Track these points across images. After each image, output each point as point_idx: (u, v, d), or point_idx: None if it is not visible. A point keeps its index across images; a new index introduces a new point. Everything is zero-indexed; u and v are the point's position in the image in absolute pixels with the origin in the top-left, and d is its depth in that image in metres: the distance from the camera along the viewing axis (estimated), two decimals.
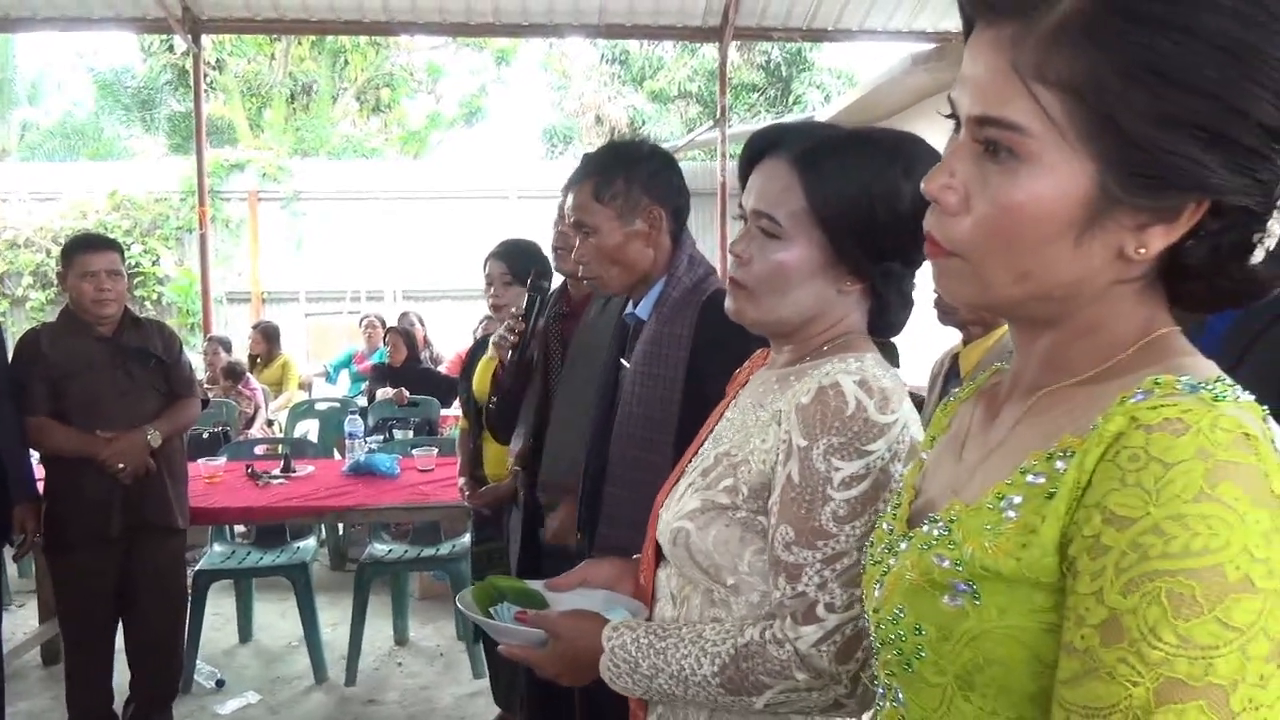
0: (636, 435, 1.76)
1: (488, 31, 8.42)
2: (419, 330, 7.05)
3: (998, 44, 0.65)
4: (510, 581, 1.37)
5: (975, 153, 0.67)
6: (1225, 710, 0.55)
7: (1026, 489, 0.65)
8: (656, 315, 1.81)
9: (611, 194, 1.82)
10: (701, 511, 1.14)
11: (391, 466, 3.95)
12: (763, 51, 15.86)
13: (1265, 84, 0.59)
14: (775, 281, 1.13)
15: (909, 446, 1.04)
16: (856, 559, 1.01)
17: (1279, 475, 0.58)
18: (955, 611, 0.67)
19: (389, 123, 17.41)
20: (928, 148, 1.13)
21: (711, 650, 1.07)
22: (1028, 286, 0.68)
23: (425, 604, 4.67)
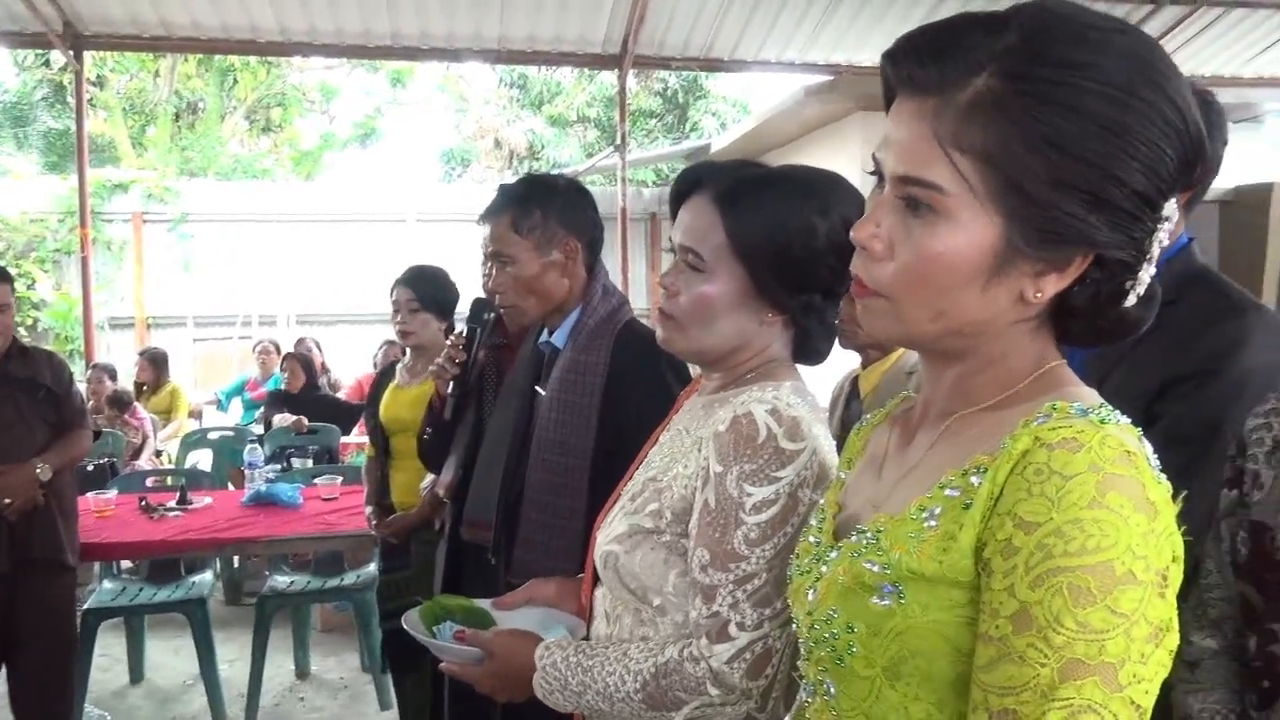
0: (552, 461, 1.80)
1: (386, 54, 8.34)
2: (316, 356, 6.91)
3: (920, 113, 0.75)
4: (458, 600, 1.43)
5: (898, 207, 0.77)
6: (1115, 683, 0.65)
7: (945, 501, 0.75)
8: (572, 343, 1.86)
9: (529, 226, 1.87)
10: (629, 535, 1.20)
11: (294, 496, 3.87)
12: (660, 79, 16.13)
13: (1136, 157, 0.71)
14: (700, 313, 1.20)
15: (818, 471, 1.11)
16: (766, 580, 1.08)
17: (1153, 485, 0.69)
18: (883, 610, 0.75)
19: (280, 143, 17.01)
20: (845, 186, 1.21)
21: (635, 668, 1.13)
22: (942, 324, 0.77)
23: (328, 636, 4.57)
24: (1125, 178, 0.71)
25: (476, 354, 2.35)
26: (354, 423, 6.01)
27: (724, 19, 7.39)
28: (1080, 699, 0.65)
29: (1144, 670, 0.66)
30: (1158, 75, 0.71)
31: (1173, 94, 0.72)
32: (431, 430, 2.49)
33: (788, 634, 1.08)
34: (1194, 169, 0.74)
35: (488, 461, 2.19)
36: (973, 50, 0.73)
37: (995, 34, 0.72)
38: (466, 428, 2.39)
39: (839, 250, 1.14)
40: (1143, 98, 0.70)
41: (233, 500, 4.03)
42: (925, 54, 0.75)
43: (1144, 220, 0.73)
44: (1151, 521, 0.67)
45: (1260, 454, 1.24)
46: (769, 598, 1.08)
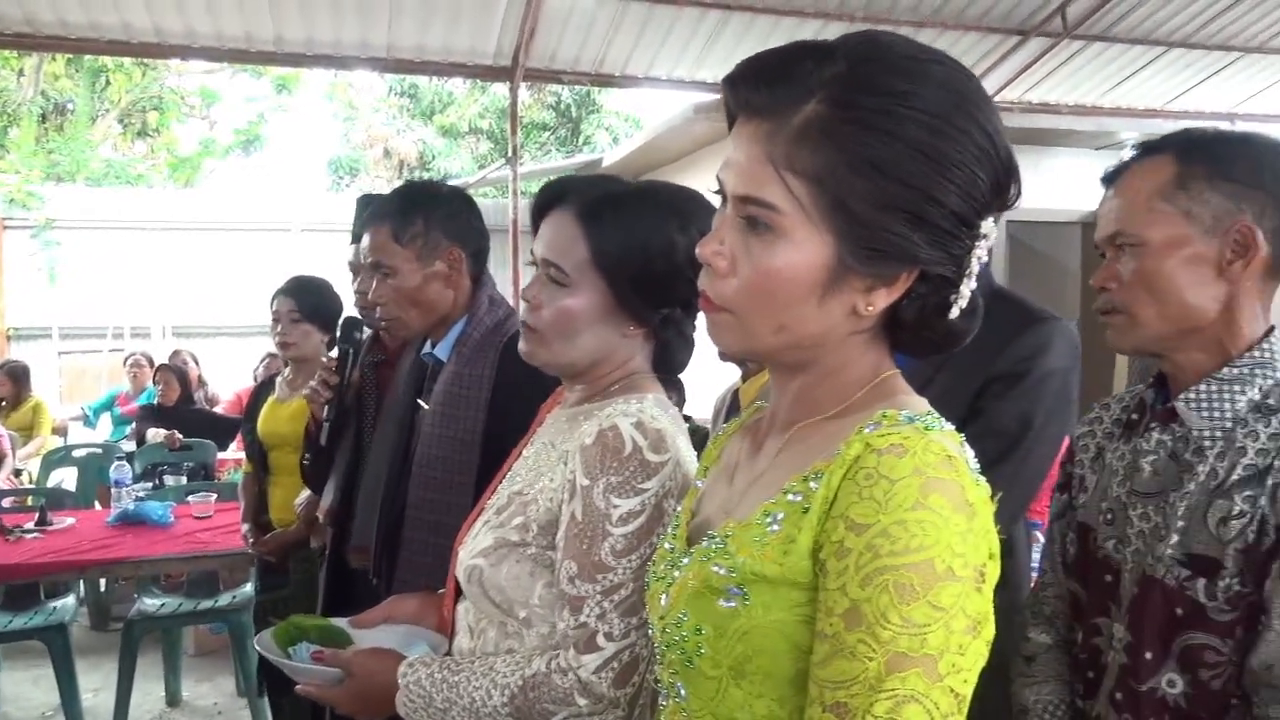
0: (436, 477, 1.77)
1: (269, 60, 8.11)
2: (193, 369, 6.65)
3: (756, 136, 0.78)
4: (314, 620, 1.39)
5: (740, 225, 0.80)
6: (935, 674, 0.70)
7: (787, 506, 0.78)
8: (457, 355, 1.82)
9: (410, 235, 1.82)
10: (495, 549, 1.20)
11: (164, 515, 3.72)
12: (553, 92, 16.15)
13: (953, 180, 0.76)
14: (562, 326, 1.22)
15: (681, 482, 1.14)
16: (633, 590, 1.10)
17: (972, 488, 0.74)
18: (729, 611, 0.78)
19: (156, 148, 16.33)
20: (704, 203, 1.24)
21: (502, 682, 1.13)
22: (783, 337, 0.81)
23: (202, 660, 4.39)
24: (943, 199, 0.75)
25: (350, 375, 2.28)
26: (232, 438, 5.81)
27: (615, 35, 7.46)
28: (904, 689, 0.69)
29: (962, 660, 0.71)
30: (971, 105, 0.76)
31: (984, 122, 0.77)
32: (310, 456, 2.42)
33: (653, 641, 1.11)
34: (1006, 191, 0.79)
35: (372, 485, 2.11)
36: (803, 77, 0.76)
37: (824, 62, 0.76)
38: (346, 449, 2.31)
39: (697, 265, 1.17)
40: (957, 125, 0.75)
41: (98, 520, 3.84)
42: (760, 80, 0.78)
43: (962, 238, 0.78)
44: (970, 521, 0.72)
45: (1085, 459, 1.33)
46: (636, 607, 1.09)
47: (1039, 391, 1.45)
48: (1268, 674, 1.06)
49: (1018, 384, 1.48)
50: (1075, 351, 1.54)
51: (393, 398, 2.19)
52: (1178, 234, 1.17)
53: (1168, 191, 1.17)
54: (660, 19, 7.34)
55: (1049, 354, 1.50)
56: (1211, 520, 1.12)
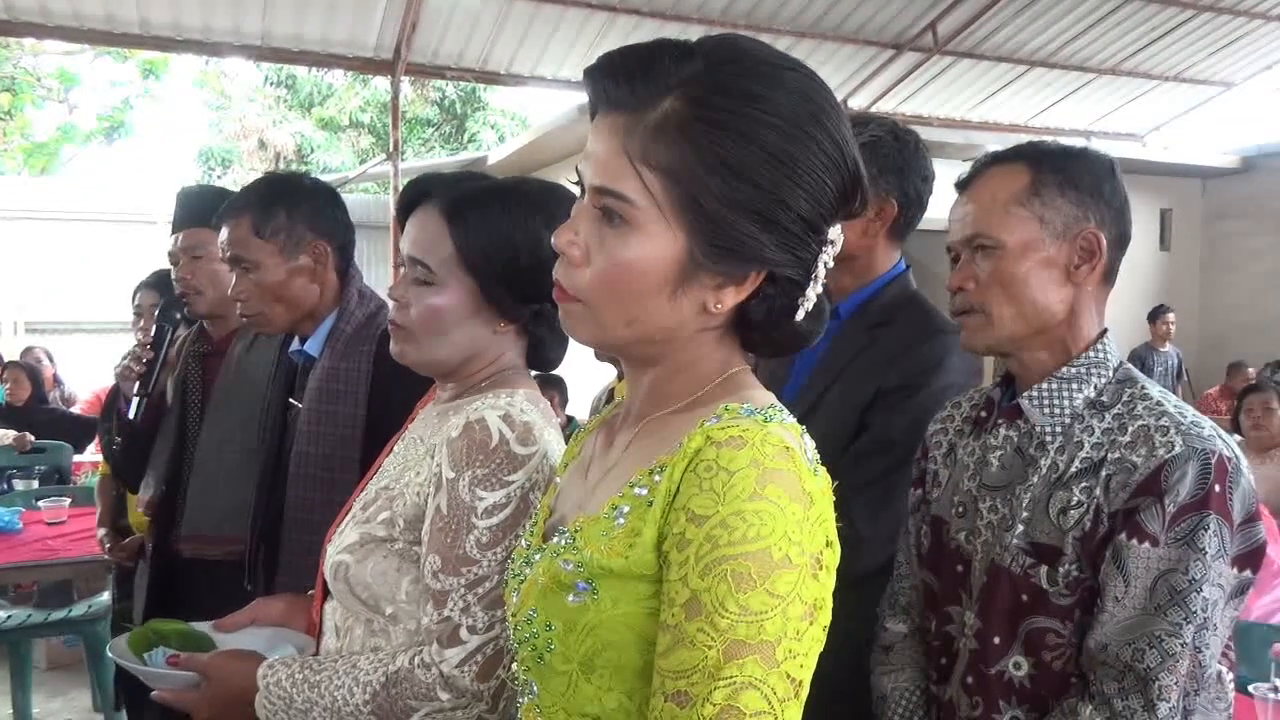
0: (316, 476, 1.72)
1: (135, 44, 7.74)
2: (47, 367, 6.29)
3: (614, 129, 0.79)
4: (173, 624, 1.34)
5: (595, 216, 0.81)
6: (773, 660, 0.71)
7: (633, 500, 0.79)
8: (329, 351, 1.78)
9: (273, 229, 1.77)
10: (360, 544, 1.19)
11: (12, 521, 3.51)
12: (438, 88, 15.90)
13: (801, 185, 0.77)
14: (431, 324, 1.21)
15: (548, 475, 1.13)
16: (498, 582, 1.09)
17: (809, 478, 0.76)
18: (577, 606, 0.79)
19: (9, 132, 15.38)
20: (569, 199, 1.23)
21: (364, 679, 1.11)
22: (635, 330, 0.82)
23: (54, 674, 4.16)
24: (791, 203, 0.77)
25: (166, 354, 2.25)
26: (89, 439, 5.51)
27: (500, 32, 7.41)
28: (742, 676, 0.70)
29: (799, 646, 0.73)
30: (822, 113, 0.78)
31: (834, 131, 0.79)
32: (121, 440, 2.34)
33: None
34: (853, 200, 0.81)
35: (208, 474, 2.08)
36: (662, 74, 0.77)
37: (683, 61, 0.77)
38: (168, 439, 2.24)
39: None
40: (808, 132, 0.77)
41: None
42: (620, 74, 0.79)
43: (809, 243, 0.79)
44: (807, 510, 0.74)
45: (938, 455, 1.39)
46: (500, 599, 1.09)
47: (930, 407, 1.45)
48: (1103, 653, 1.13)
49: (910, 398, 1.49)
50: (971, 367, 1.56)
51: (220, 388, 2.15)
52: (1032, 237, 1.23)
53: (1023, 197, 1.24)
54: (545, 18, 7.33)
55: (943, 369, 1.51)
56: (1053, 510, 1.19)
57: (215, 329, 2.32)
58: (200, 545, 2.07)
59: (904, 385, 1.50)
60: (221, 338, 2.30)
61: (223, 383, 2.15)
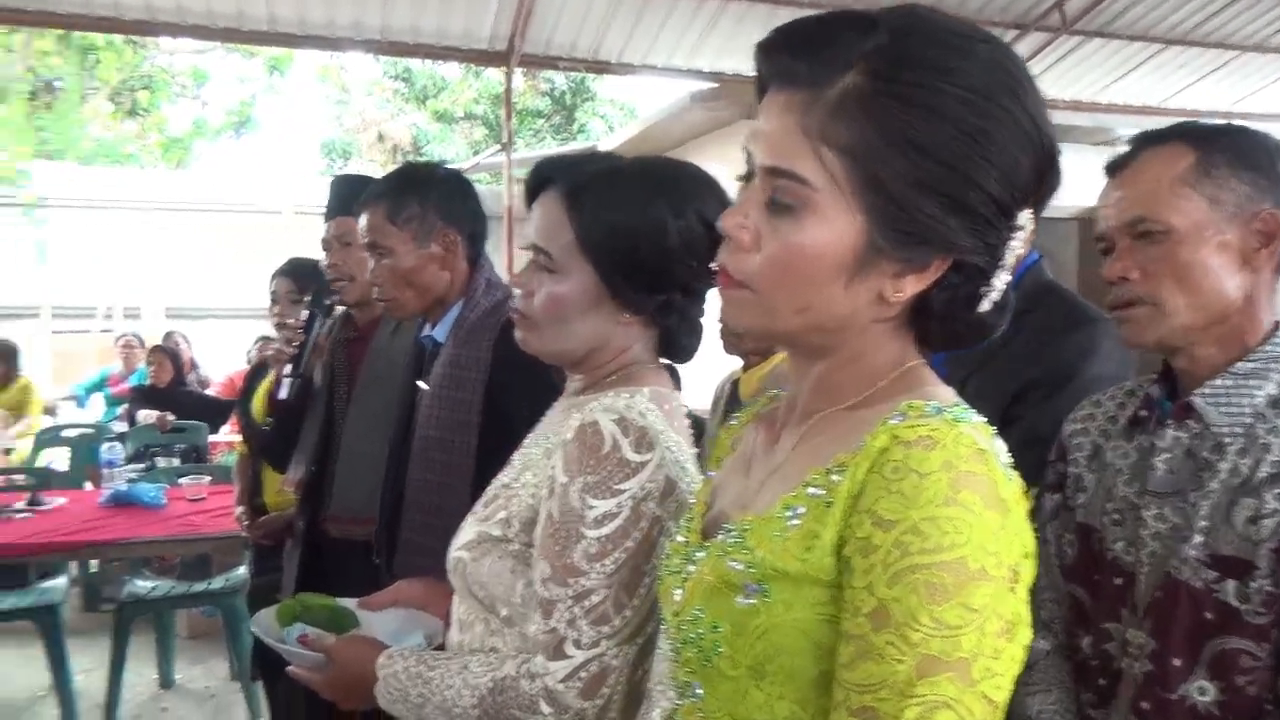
0: (435, 459, 1.76)
1: (261, 40, 8.03)
2: (185, 350, 6.62)
3: (790, 107, 0.75)
4: (320, 599, 1.38)
5: (766, 198, 0.77)
6: (969, 679, 0.67)
7: (808, 500, 0.75)
8: (454, 337, 1.82)
9: (406, 216, 1.82)
10: (477, 542, 1.17)
11: (157, 496, 3.70)
12: (548, 79, 16.06)
13: (993, 163, 0.72)
14: (553, 314, 1.17)
15: (664, 484, 1.08)
16: (606, 596, 1.05)
17: (1004, 483, 0.71)
18: (748, 609, 0.75)
19: (147, 128, 16.20)
20: (703, 180, 1.19)
21: (473, 682, 1.09)
22: (806, 318, 0.78)
23: (194, 643, 4.38)
24: (982, 183, 0.72)
25: (316, 338, 2.33)
26: (223, 420, 5.79)
27: (611, 21, 7.42)
28: (935, 695, 0.66)
29: (997, 665, 0.68)
30: (1017, 85, 0.73)
31: (1029, 105, 0.74)
32: (274, 419, 2.44)
33: (626, 652, 1.07)
34: (1045, 180, 0.76)
35: (352, 456, 2.15)
36: (843, 47, 0.73)
37: (865, 33, 0.73)
38: (315, 422, 2.33)
39: (694, 249, 1.13)
40: (1002, 105, 0.72)
41: (90, 501, 3.82)
42: (797, 47, 0.75)
43: (999, 227, 0.75)
44: (1003, 518, 0.69)
45: (1081, 458, 1.29)
46: (607, 615, 1.05)
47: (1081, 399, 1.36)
48: None
49: (1060, 390, 1.41)
50: (1125, 355, 1.46)
51: (365, 372, 2.22)
52: (1203, 220, 1.14)
53: (1190, 178, 1.14)
54: (657, 6, 7.30)
55: (1095, 358, 1.43)
56: (1239, 520, 1.09)
57: (360, 315, 2.39)
58: (345, 525, 2.14)
59: (1051, 378, 1.42)
60: (366, 324, 2.36)
61: (368, 368, 2.23)
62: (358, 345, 2.34)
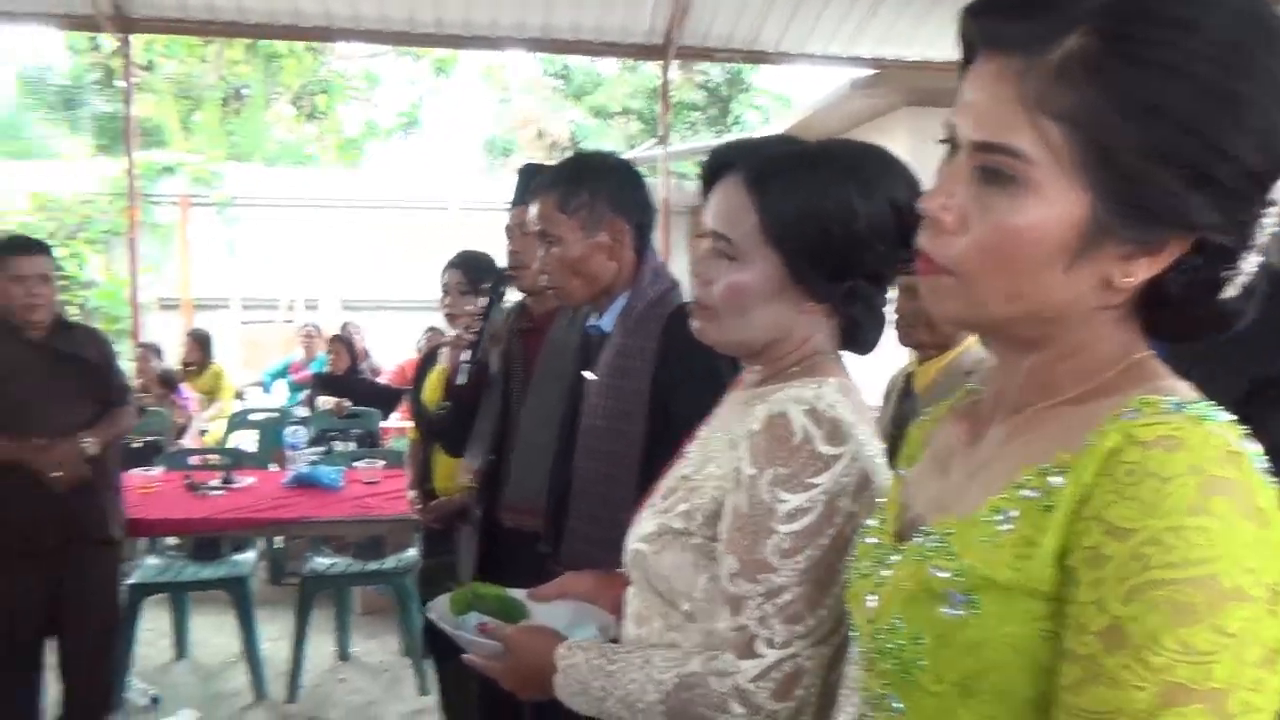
0: (601, 449, 1.77)
1: (429, 42, 8.37)
2: (359, 340, 6.96)
3: (1003, 74, 0.68)
4: (492, 589, 1.39)
5: (974, 176, 0.70)
6: (1223, 713, 0.58)
7: (1021, 503, 0.68)
8: (621, 327, 1.82)
9: (576, 205, 1.83)
10: (658, 535, 1.15)
11: (336, 479, 3.90)
12: (703, 71, 16.05)
13: (1248, 128, 0.64)
14: (734, 303, 1.13)
15: (858, 479, 1.04)
16: (799, 594, 1.01)
17: (1261, 490, 0.62)
18: (954, 620, 0.69)
19: (324, 130, 17.16)
20: (893, 163, 1.13)
21: (657, 677, 1.07)
22: (1019, 307, 0.71)
23: (368, 619, 4.60)
24: (1233, 151, 0.64)
25: (495, 324, 2.37)
26: (394, 407, 6.05)
27: (769, 11, 7.32)
28: None
29: (1257, 699, 0.59)
30: (1273, 36, 0.65)
31: None
32: (450, 405, 2.49)
33: (821, 653, 1.03)
34: None
35: (526, 447, 2.18)
36: (1066, 4, 0.66)
37: None
38: (492, 411, 2.38)
39: (884, 233, 1.08)
40: (1257, 61, 0.64)
41: (275, 481, 4.06)
42: (1012, 8, 0.68)
43: (1251, 202, 0.65)
44: (1261, 530, 0.60)
45: None
46: (800, 614, 1.01)
47: None
48: None
49: None
50: None
51: (541, 363, 2.25)
52: None
53: None
54: None
55: None
56: None
57: (536, 305, 2.42)
58: (519, 515, 2.17)
59: None
60: (542, 314, 2.40)
61: (544, 359, 2.26)
62: (534, 336, 2.38)
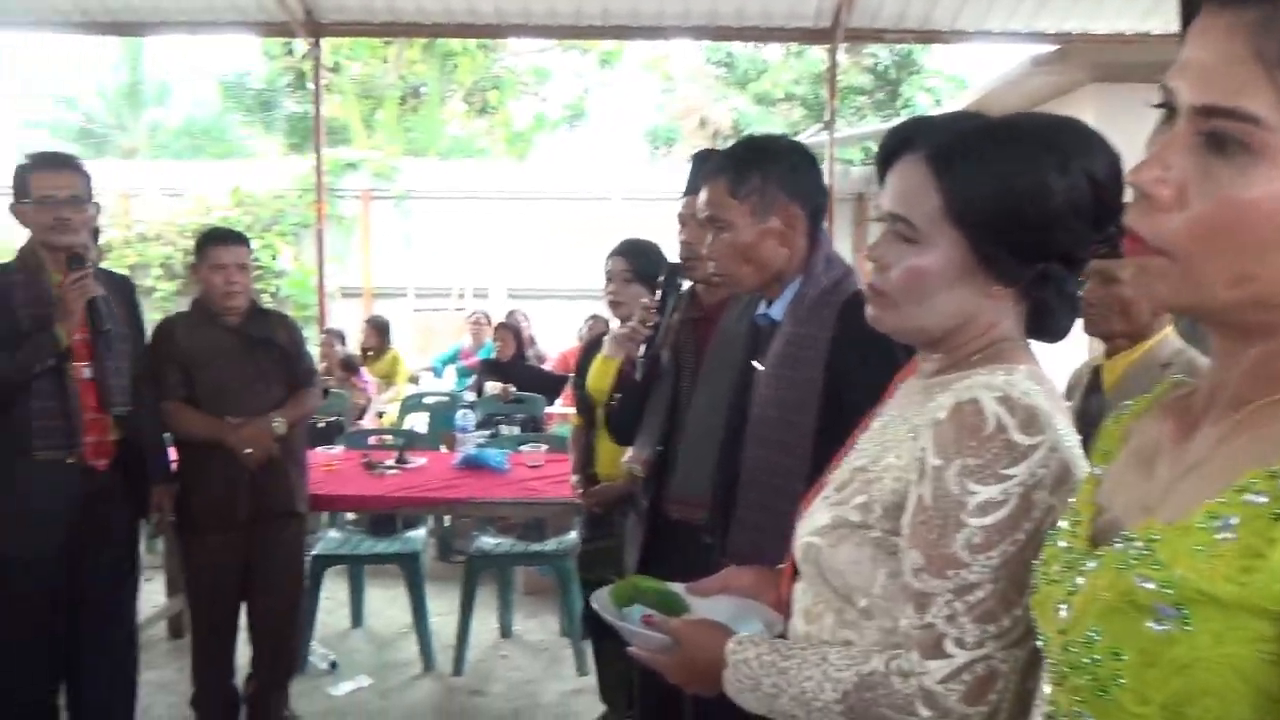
0: (772, 440, 1.73)
1: (596, 34, 8.49)
2: (525, 328, 7.15)
3: (1234, 30, 0.61)
4: (652, 582, 1.38)
5: (1195, 145, 0.64)
6: None
7: (1244, 509, 0.61)
8: (792, 316, 1.77)
9: (747, 190, 1.77)
10: (833, 528, 1.10)
11: (502, 462, 4.01)
12: (870, 54, 15.60)
13: None
14: (913, 288, 1.08)
15: (1057, 471, 0.97)
16: (992, 591, 0.95)
17: None
18: (1161, 636, 0.62)
19: (495, 124, 17.71)
20: (1090, 135, 1.05)
21: (835, 675, 1.03)
22: (1244, 291, 0.64)
23: (529, 598, 4.73)
24: None
25: (671, 317, 2.33)
26: (558, 394, 6.18)
27: None
28: None
29: None
30: None
31: None
32: (620, 395, 2.48)
33: (1015, 656, 0.96)
34: None
35: (696, 438, 2.14)
36: None
37: None
38: (661, 402, 2.35)
39: (1081, 211, 1.01)
40: None
41: (446, 462, 4.22)
42: None
43: None
44: None
45: None
46: (994, 613, 0.95)
47: None
48: None
49: None
50: None
51: (712, 354, 2.21)
52: None
53: None
54: None
55: None
56: None
57: (706, 295, 2.39)
58: (686, 508, 2.14)
59: None
60: (713, 305, 2.37)
61: (714, 350, 2.22)
62: (704, 325, 2.34)
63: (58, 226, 2.65)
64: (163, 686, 3.70)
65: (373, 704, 3.64)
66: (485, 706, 3.64)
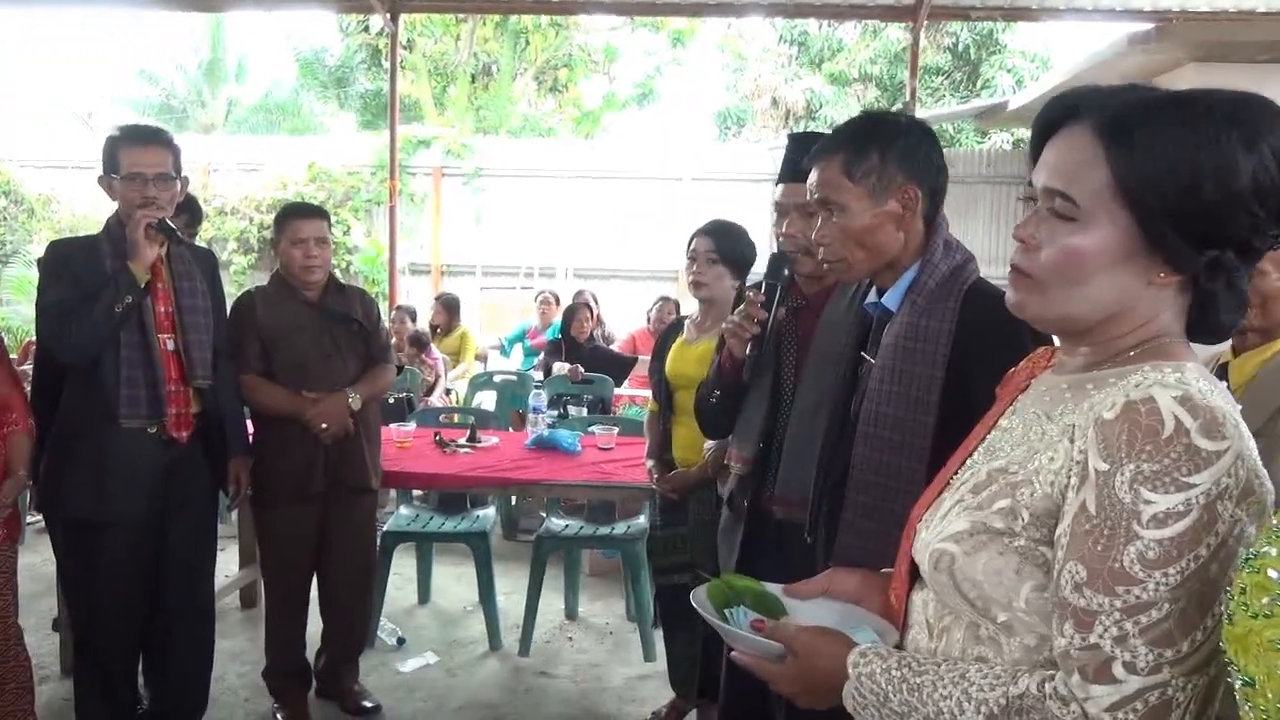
0: (884, 438, 1.63)
1: (672, 11, 8.38)
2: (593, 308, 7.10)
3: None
4: (747, 582, 1.29)
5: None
6: None
7: None
8: (910, 306, 1.66)
9: (864, 171, 1.66)
10: (970, 535, 1.01)
11: (574, 443, 3.96)
12: (951, 33, 15.21)
13: None
14: (1068, 271, 0.98)
15: (1245, 481, 0.87)
16: (1169, 611, 0.86)
17: None
18: None
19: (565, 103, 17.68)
20: (1275, 111, 0.95)
21: (978, 696, 0.94)
22: None
23: (595, 581, 4.69)
24: None
25: (776, 313, 2.19)
26: (625, 376, 6.13)
27: None
28: None
29: None
30: None
31: None
32: (720, 394, 2.35)
33: (1195, 683, 0.87)
34: None
35: (801, 435, 2.02)
36: None
37: None
38: (762, 395, 2.24)
39: (1265, 195, 0.91)
40: None
41: (517, 442, 4.18)
42: None
43: None
44: None
45: None
46: (1172, 636, 0.85)
47: None
48: None
49: None
50: None
51: (815, 346, 2.09)
52: None
53: None
54: None
55: None
56: None
57: (807, 285, 2.28)
58: (790, 508, 2.03)
59: None
60: (813, 293, 2.26)
61: (819, 339, 2.08)
62: (806, 315, 2.22)
63: (145, 204, 2.65)
64: (235, 656, 3.74)
65: (440, 681, 3.64)
66: (553, 688, 3.61)
